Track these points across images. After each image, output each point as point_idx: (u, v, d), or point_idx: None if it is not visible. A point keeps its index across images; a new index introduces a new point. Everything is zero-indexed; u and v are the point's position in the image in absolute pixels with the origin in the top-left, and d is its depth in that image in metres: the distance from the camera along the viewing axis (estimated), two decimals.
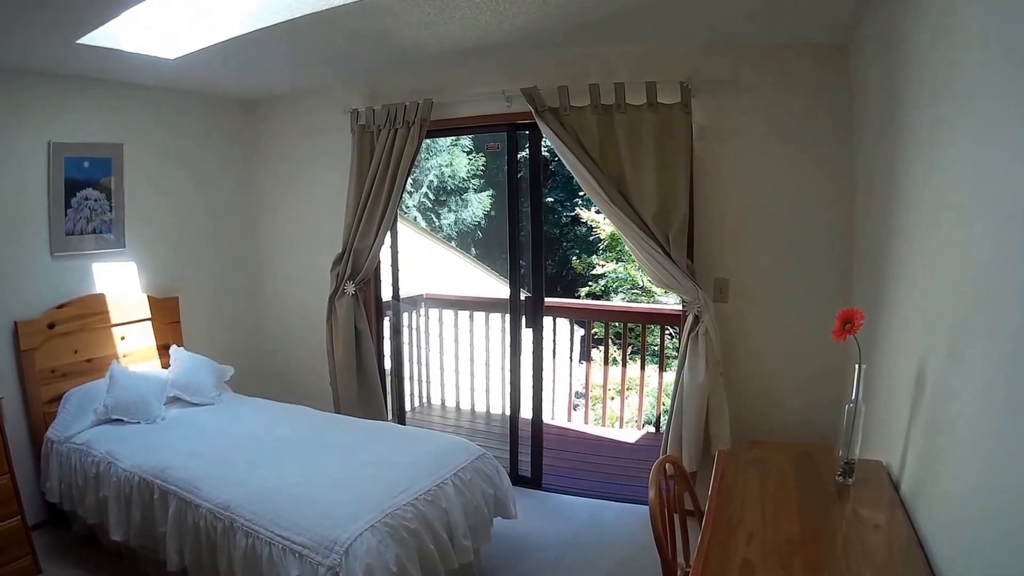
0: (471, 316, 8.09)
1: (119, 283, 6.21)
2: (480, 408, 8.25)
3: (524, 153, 6.06)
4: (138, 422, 5.44)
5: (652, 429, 8.00)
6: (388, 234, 6.34)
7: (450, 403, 8.47)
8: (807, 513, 2.88)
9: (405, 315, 7.88)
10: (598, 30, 4.93)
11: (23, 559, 4.77)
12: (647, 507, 3.04)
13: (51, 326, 5.60)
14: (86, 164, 5.86)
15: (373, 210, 6.15)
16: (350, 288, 6.32)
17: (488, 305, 8.23)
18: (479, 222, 17.79)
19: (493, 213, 17.60)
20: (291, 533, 3.75)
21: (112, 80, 5.86)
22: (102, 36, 4.58)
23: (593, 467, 6.79)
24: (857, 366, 3.07)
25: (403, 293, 6.97)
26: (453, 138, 16.17)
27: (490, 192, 17.67)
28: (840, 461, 3.14)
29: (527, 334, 6.21)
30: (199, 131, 6.84)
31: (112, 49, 4.86)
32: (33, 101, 5.50)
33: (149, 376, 5.90)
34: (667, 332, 7.85)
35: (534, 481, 6.27)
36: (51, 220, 5.67)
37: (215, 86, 6.58)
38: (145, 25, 4.67)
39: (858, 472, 3.11)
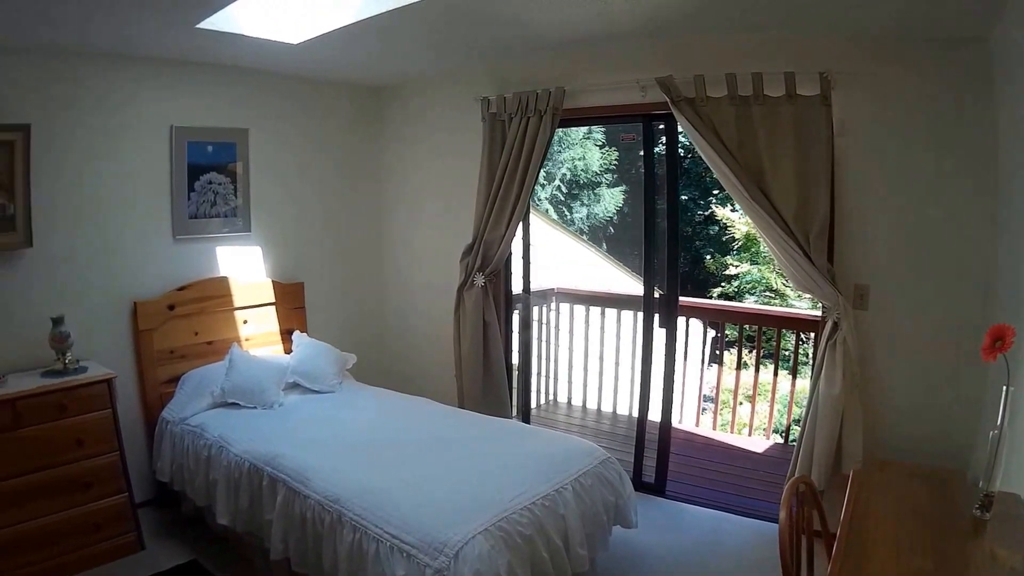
0: (602, 312, 7.78)
1: (243, 267, 6.11)
2: (607, 408, 7.88)
3: (659, 148, 5.68)
4: (254, 407, 5.28)
5: (780, 439, 7.56)
6: (520, 226, 6.08)
7: (576, 402, 8.11)
8: (940, 548, 2.63)
9: (535, 309, 7.60)
10: (733, 16, 4.58)
11: (127, 535, 4.81)
12: (771, 524, 2.74)
13: (171, 307, 5.54)
14: (210, 148, 5.77)
15: (504, 200, 5.89)
16: (479, 279, 6.06)
17: (620, 302, 7.88)
18: (611, 217, 17.36)
19: (625, 209, 17.20)
20: (400, 531, 3.52)
21: (235, 65, 5.76)
22: (223, 20, 4.44)
23: (718, 476, 6.35)
24: (1005, 388, 2.71)
25: (534, 286, 6.67)
26: (586, 131, 15.99)
27: (623, 188, 17.25)
28: (978, 493, 2.83)
29: (659, 334, 5.86)
30: (325, 117, 6.69)
31: (233, 34, 4.72)
32: (155, 86, 5.44)
33: (269, 361, 5.75)
34: (801, 338, 7.42)
35: (657, 488, 5.90)
36: (174, 203, 5.61)
37: (340, 72, 6.42)
38: (267, 9, 4.51)
39: (996, 506, 2.78)
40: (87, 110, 5.09)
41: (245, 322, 6.06)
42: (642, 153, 5.72)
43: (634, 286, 10.94)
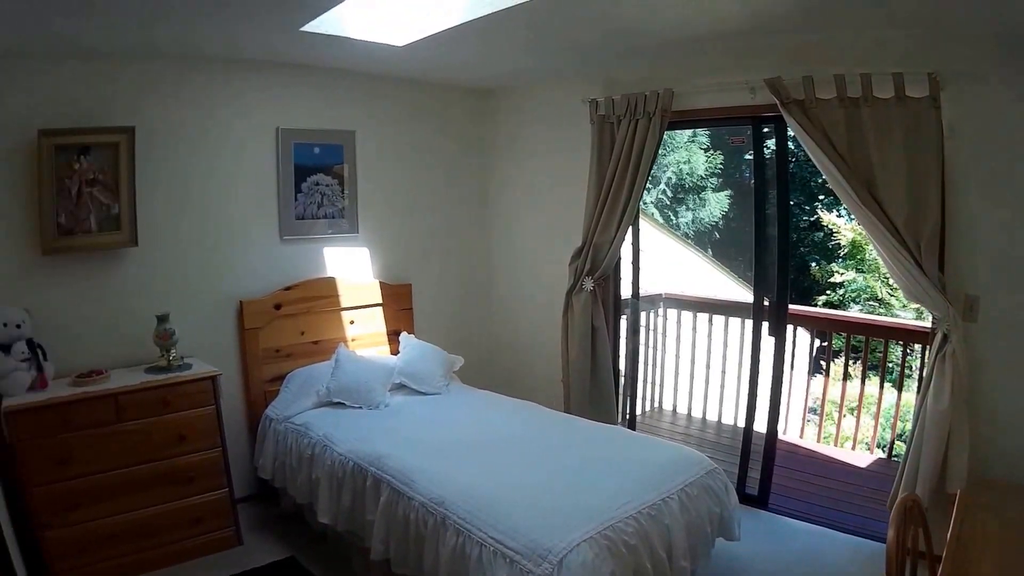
0: (710, 319, 7.53)
1: (351, 268, 6.08)
2: (711, 417, 7.67)
3: (768, 152, 5.49)
4: (360, 407, 5.22)
5: (883, 454, 7.12)
6: (629, 230, 5.90)
7: (681, 410, 7.90)
8: None
9: (643, 314, 7.39)
10: (841, 14, 4.31)
11: (226, 529, 4.85)
12: (873, 542, 2.55)
13: (277, 307, 5.54)
14: (316, 150, 5.76)
15: (614, 204, 5.72)
16: (588, 284, 5.88)
17: (728, 309, 7.63)
18: (716, 222, 17.08)
19: (731, 214, 16.94)
20: (505, 537, 3.41)
21: (340, 68, 5.73)
22: (327, 23, 4.39)
23: (820, 490, 6.05)
24: None
25: (643, 291, 6.49)
26: (690, 134, 15.72)
27: (727, 192, 16.97)
28: None
29: (767, 342, 5.63)
30: (432, 119, 6.61)
31: (338, 36, 4.68)
32: (261, 89, 5.49)
33: (375, 362, 5.69)
34: (908, 350, 7.09)
35: (760, 500, 5.66)
36: (281, 204, 5.63)
37: (446, 74, 6.32)
38: (372, 11, 4.44)
39: None
40: (193, 112, 5.15)
41: (352, 322, 6.01)
42: (748, 156, 5.56)
43: (740, 292, 10.73)
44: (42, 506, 4.12)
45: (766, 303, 5.56)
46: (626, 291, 6.35)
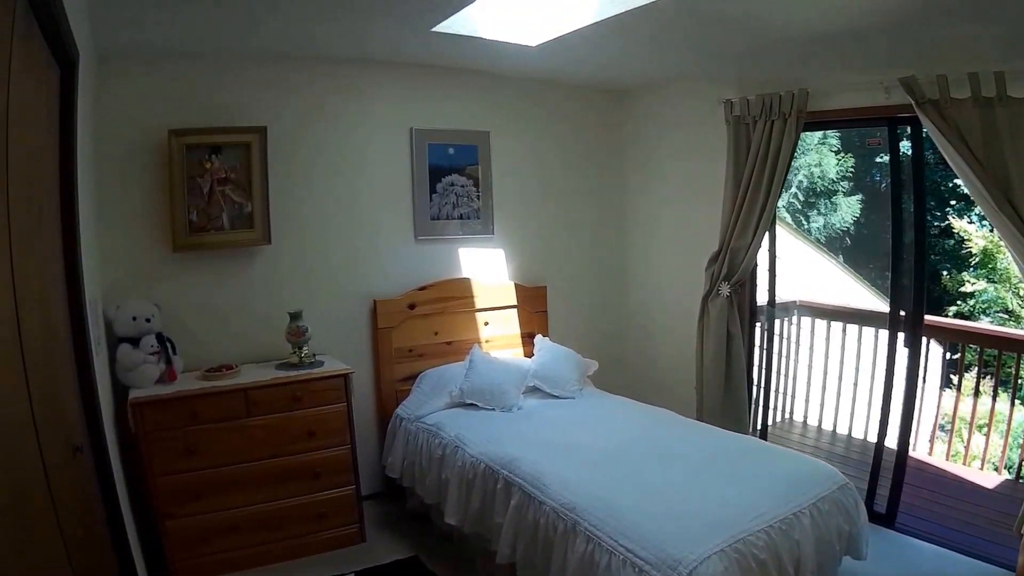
0: (844, 329, 7.14)
1: (485, 269, 6.01)
2: (841, 430, 7.29)
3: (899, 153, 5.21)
4: (492, 409, 5.13)
5: (1010, 476, 6.60)
6: (766, 235, 5.69)
7: (811, 421, 7.55)
8: None
9: (776, 322, 7.06)
10: (971, 9, 4.03)
11: (350, 526, 4.87)
12: (999, 569, 2.35)
13: (411, 307, 5.52)
14: (451, 151, 5.72)
15: (751, 207, 5.52)
16: (725, 289, 5.69)
17: (862, 318, 7.21)
18: (847, 228, 16.48)
19: (862, 219, 16.31)
20: (635, 545, 3.29)
21: (473, 68, 5.68)
22: (459, 24, 4.37)
23: (947, 510, 5.67)
24: None
25: (777, 298, 6.22)
26: (820, 136, 15.24)
27: (859, 196, 16.34)
28: None
29: (901, 354, 5.32)
30: (566, 120, 6.49)
31: (469, 37, 4.64)
32: (394, 89, 5.52)
33: (510, 364, 5.58)
34: None
35: (887, 518, 5.36)
36: (415, 204, 5.62)
37: (580, 74, 6.20)
38: (503, 12, 4.41)
39: None
40: (326, 112, 5.22)
41: (486, 324, 5.94)
42: (879, 160, 5.27)
43: (871, 300, 10.41)
44: (164, 496, 4.20)
45: (902, 313, 5.27)
46: (762, 297, 6.10)
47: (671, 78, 6.22)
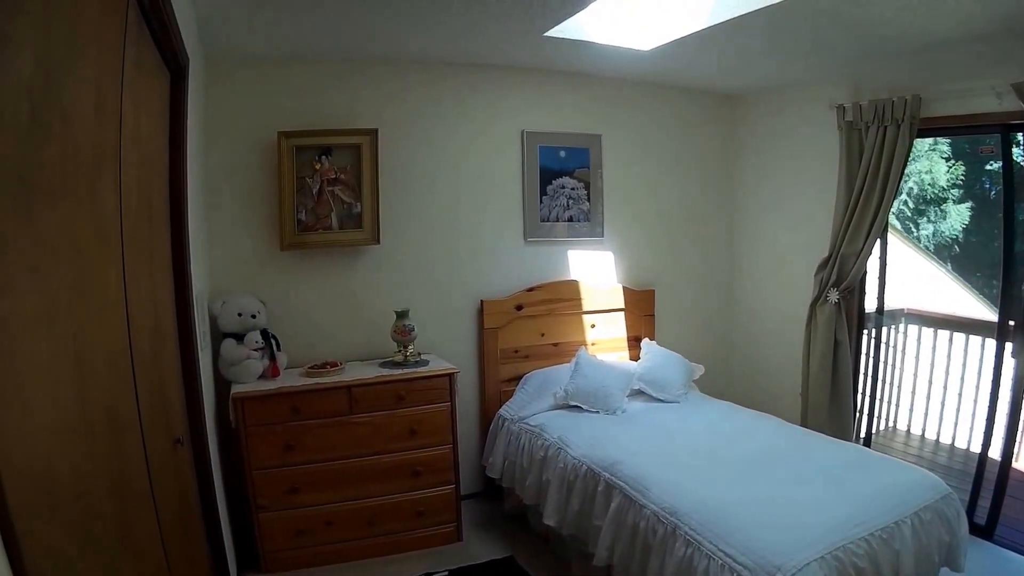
0: (950, 337, 6.93)
1: (594, 271, 5.97)
2: (945, 440, 7.04)
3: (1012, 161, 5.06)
4: (597, 411, 5.11)
5: None
6: (877, 242, 5.58)
7: (915, 430, 7.33)
8: None
9: (884, 330, 6.83)
10: None
11: (448, 525, 4.91)
12: None
13: (518, 308, 5.52)
14: (562, 154, 5.70)
15: (863, 214, 5.41)
16: (833, 295, 5.61)
17: (970, 327, 6.97)
18: (956, 235, 16.10)
19: (971, 227, 15.88)
20: (735, 551, 3.28)
21: (585, 72, 5.66)
22: (570, 29, 4.37)
23: None
24: None
25: (885, 306, 6.11)
26: (931, 143, 14.89)
27: (969, 204, 15.94)
28: None
29: (1008, 364, 5.14)
30: (677, 125, 6.42)
31: (581, 41, 4.64)
32: (506, 93, 5.53)
33: (616, 367, 5.53)
34: None
35: (987, 531, 5.19)
36: (526, 206, 5.62)
37: (691, 79, 6.13)
38: (615, 16, 4.39)
39: None
40: (437, 115, 5.29)
41: (593, 326, 5.89)
42: (991, 167, 5.11)
43: (979, 309, 10.21)
44: (261, 489, 4.31)
45: (1011, 323, 5.10)
46: (870, 305, 5.99)
47: (783, 82, 6.11)
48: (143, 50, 2.34)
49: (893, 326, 7.05)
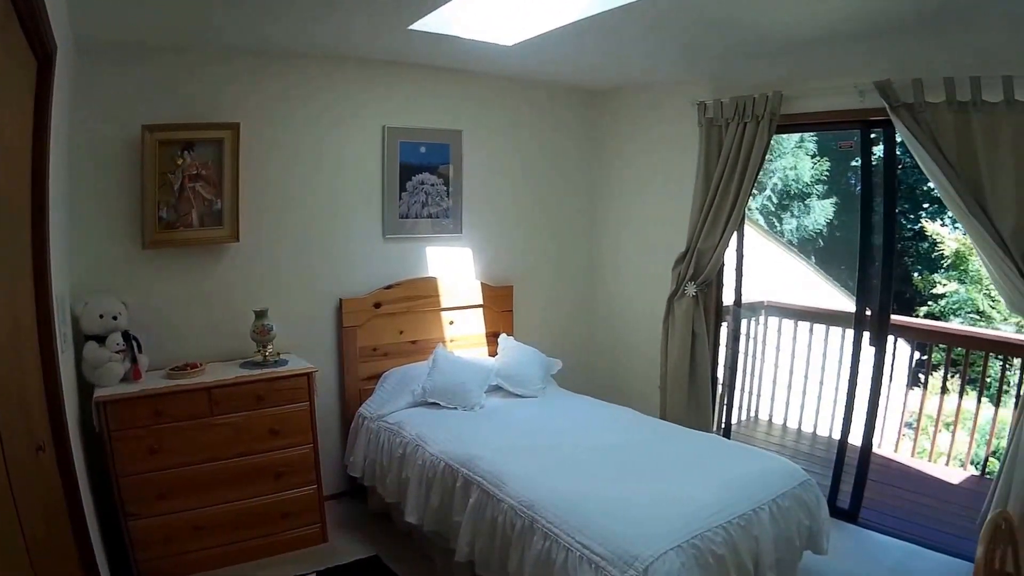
0: (811, 328, 7.37)
1: (452, 268, 6.11)
2: (807, 428, 7.52)
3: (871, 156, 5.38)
4: (455, 408, 5.26)
5: (977, 471, 6.97)
6: (734, 236, 5.84)
7: (776, 420, 7.80)
8: None
9: (743, 322, 7.19)
10: (950, 17, 4.20)
11: (313, 526, 4.93)
12: (964, 562, 2.45)
13: (377, 305, 5.60)
14: (423, 149, 5.79)
15: (720, 209, 5.65)
16: (691, 289, 5.82)
17: (829, 317, 7.49)
18: (821, 230, 16.86)
19: (835, 222, 16.69)
20: (592, 542, 3.40)
21: (448, 67, 5.75)
22: (435, 22, 4.43)
23: (912, 506, 5.92)
24: None
25: (745, 298, 6.36)
26: (798, 139, 15.55)
27: (833, 200, 16.73)
28: None
29: (867, 353, 5.51)
30: (539, 120, 6.59)
31: (446, 35, 4.70)
32: (367, 87, 5.56)
33: (473, 363, 5.70)
34: (1007, 364, 6.83)
35: (851, 514, 5.55)
36: (385, 203, 5.69)
37: (555, 74, 6.28)
38: (481, 11, 4.45)
39: None
40: (299, 109, 5.26)
41: (451, 323, 6.03)
42: (855, 163, 5.41)
43: (843, 301, 10.54)
44: (130, 496, 4.22)
45: (868, 313, 5.45)
46: (728, 298, 6.25)
47: (647, 79, 6.34)
48: (9, 35, 2.29)
49: (753, 318, 7.48)
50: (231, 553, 4.58)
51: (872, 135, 5.31)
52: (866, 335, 5.43)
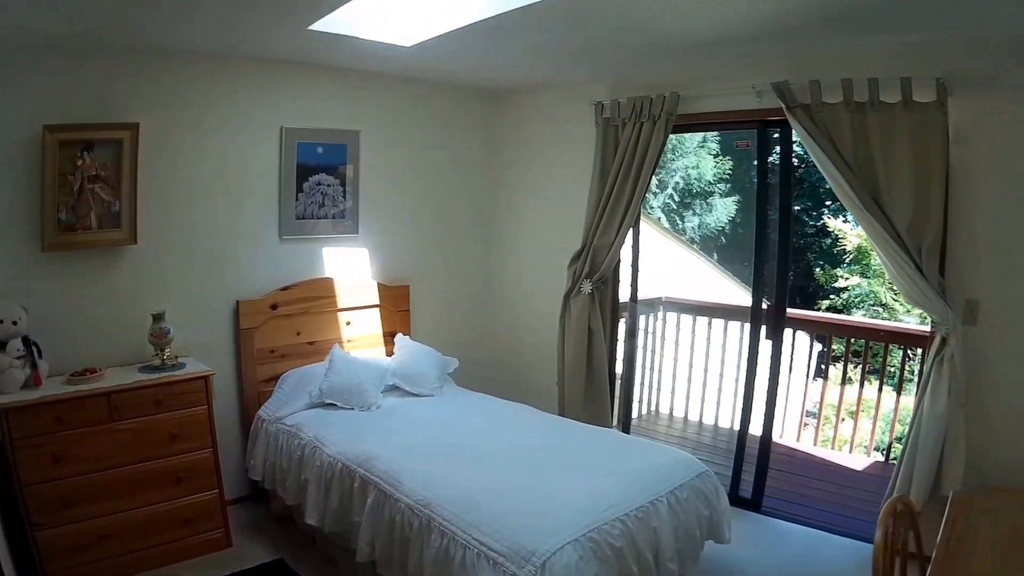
0: (709, 323, 7.68)
1: (349, 268, 6.18)
2: (708, 421, 7.79)
3: (773, 156, 5.66)
4: (352, 408, 5.34)
5: (881, 457, 7.35)
6: (629, 233, 6.02)
7: (678, 413, 8.05)
8: None
9: (642, 318, 7.50)
10: (850, 20, 4.34)
11: (216, 531, 4.93)
12: (869, 544, 2.64)
13: (274, 307, 5.64)
14: (320, 150, 5.84)
15: (615, 207, 5.83)
16: (587, 286, 5.99)
17: (728, 313, 7.77)
18: (723, 227, 17.25)
19: (738, 219, 17.07)
20: (489, 539, 3.50)
21: (347, 67, 5.81)
22: (335, 23, 4.47)
23: (816, 493, 6.22)
24: None
25: (642, 295, 6.58)
26: (700, 139, 15.89)
27: (735, 198, 17.14)
28: None
29: (765, 346, 5.76)
30: (438, 120, 6.71)
31: (345, 36, 4.75)
32: (266, 87, 5.55)
33: (370, 363, 5.78)
34: (908, 354, 7.22)
35: (754, 503, 5.79)
36: (282, 204, 5.72)
37: (454, 75, 6.39)
38: (381, 11, 4.51)
39: None
40: (198, 109, 5.24)
41: (348, 323, 6.11)
42: (756, 162, 5.63)
43: (744, 297, 10.93)
44: (35, 505, 4.19)
45: (764, 307, 5.69)
46: (625, 294, 6.43)
47: (546, 80, 6.50)
48: None
49: (652, 314, 7.73)
50: (137, 561, 4.57)
51: (771, 135, 5.56)
52: (763, 328, 5.67)
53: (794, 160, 6.19)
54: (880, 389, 7.11)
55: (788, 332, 6.34)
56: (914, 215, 4.48)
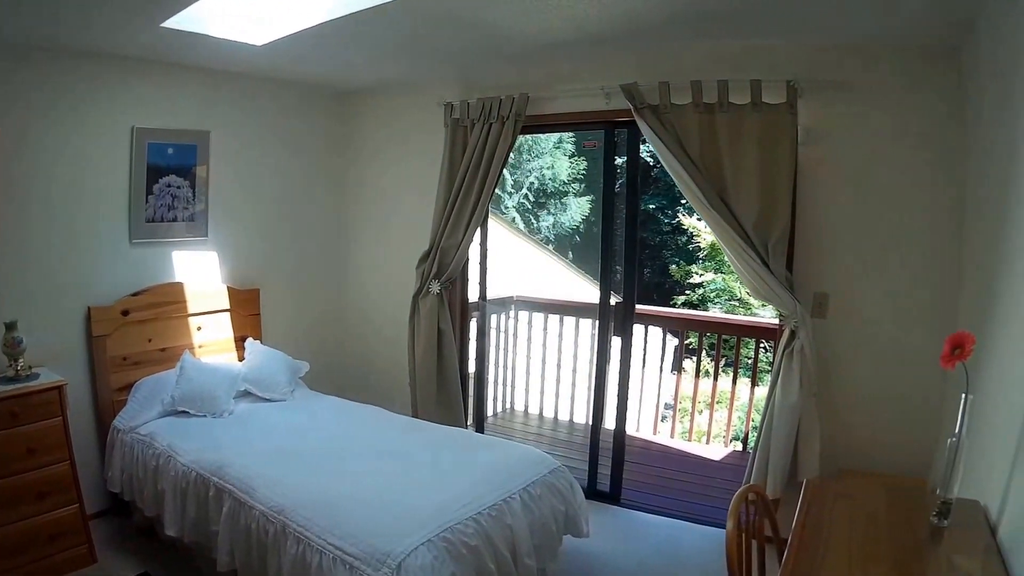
0: (561, 321, 7.93)
1: (199, 272, 6.20)
2: (564, 417, 8.06)
3: (622, 157, 5.94)
4: (204, 415, 5.42)
5: (739, 446, 7.77)
6: (478, 233, 6.22)
7: (533, 410, 8.29)
8: (897, 556, 2.65)
9: (493, 317, 7.75)
10: (700, 24, 4.63)
11: (79, 547, 4.86)
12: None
13: (125, 313, 5.60)
14: (170, 151, 5.84)
15: (463, 207, 6.02)
16: (435, 287, 6.17)
17: (579, 310, 8.06)
18: (577, 227, 17.72)
19: (592, 218, 17.44)
20: (344, 543, 3.63)
21: (198, 66, 5.83)
22: (188, 20, 4.50)
23: (675, 484, 6.55)
24: (963, 396, 2.76)
25: (493, 294, 6.82)
26: (556, 140, 16.29)
27: (590, 197, 17.57)
28: (936, 500, 2.86)
29: (616, 341, 6.00)
30: (288, 121, 6.78)
31: (198, 34, 4.79)
32: (117, 85, 5.50)
33: (220, 369, 5.86)
34: (762, 346, 7.64)
35: (612, 496, 6.06)
36: (131, 206, 5.68)
37: (305, 74, 6.48)
38: (234, 9, 4.56)
39: (954, 513, 2.82)
40: (44, 107, 5.12)
41: (199, 329, 6.15)
42: (618, 161, 5.85)
43: (596, 295, 11.35)
44: None
45: (613, 304, 5.97)
46: (475, 294, 6.65)
47: (398, 81, 6.68)
48: None
49: (503, 313, 7.94)
50: None
51: (617, 135, 5.77)
52: (612, 324, 5.94)
53: (648, 160, 6.49)
54: (735, 381, 7.61)
55: (640, 328, 6.67)
56: (760, 212, 4.81)
